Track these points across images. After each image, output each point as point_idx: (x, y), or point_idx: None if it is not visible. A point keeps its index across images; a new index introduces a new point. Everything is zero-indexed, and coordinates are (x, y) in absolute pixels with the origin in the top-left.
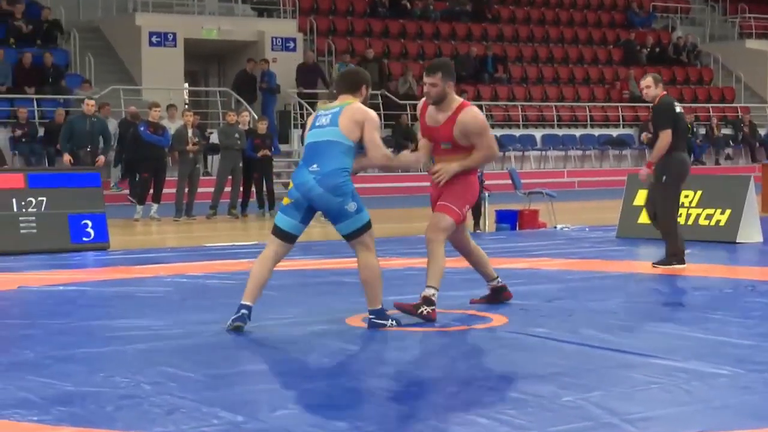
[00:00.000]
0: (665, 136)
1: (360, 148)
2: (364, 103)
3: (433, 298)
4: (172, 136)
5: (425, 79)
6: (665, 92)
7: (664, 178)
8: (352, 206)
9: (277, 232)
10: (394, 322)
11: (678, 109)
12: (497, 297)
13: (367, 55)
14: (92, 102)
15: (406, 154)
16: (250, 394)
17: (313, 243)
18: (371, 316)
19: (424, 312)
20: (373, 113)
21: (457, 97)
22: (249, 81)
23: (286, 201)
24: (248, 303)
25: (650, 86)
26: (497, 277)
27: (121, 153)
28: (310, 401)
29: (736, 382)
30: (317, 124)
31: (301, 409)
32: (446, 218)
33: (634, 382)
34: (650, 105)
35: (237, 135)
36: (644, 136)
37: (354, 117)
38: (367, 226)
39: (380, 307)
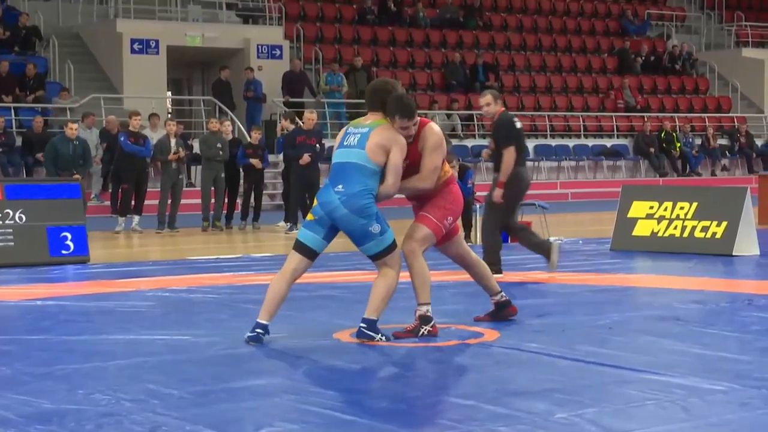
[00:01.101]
0: (510, 153)
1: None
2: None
3: (428, 314)
4: (154, 146)
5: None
6: (503, 108)
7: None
8: (376, 228)
9: (299, 247)
10: (383, 338)
11: (518, 125)
12: (500, 313)
13: (355, 64)
14: (75, 126)
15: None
16: (235, 411)
17: None
18: (363, 325)
19: (425, 332)
20: (401, 138)
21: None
22: (225, 89)
23: (310, 217)
24: (264, 321)
25: (490, 103)
26: (501, 292)
27: (110, 164)
28: (297, 418)
29: (734, 398)
30: (345, 143)
31: (288, 427)
32: (422, 228)
33: (629, 399)
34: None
35: (219, 144)
36: (485, 152)
37: (381, 141)
38: (392, 247)
39: (376, 318)
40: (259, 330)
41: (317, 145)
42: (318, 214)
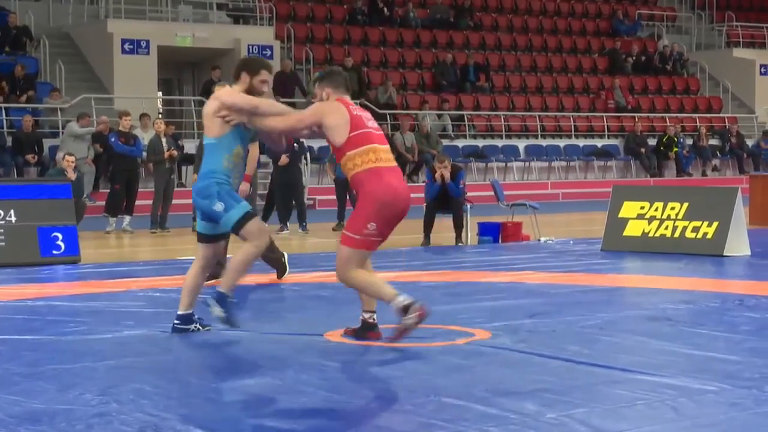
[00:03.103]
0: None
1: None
2: (248, 90)
3: (404, 303)
4: (146, 146)
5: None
6: None
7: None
8: (219, 206)
9: (198, 237)
10: (223, 314)
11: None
12: (365, 332)
13: (345, 64)
14: (72, 159)
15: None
16: (226, 411)
17: (291, 256)
18: (211, 295)
19: (412, 319)
20: (223, 91)
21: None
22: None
23: None
24: (185, 312)
25: None
26: (374, 312)
27: (108, 164)
28: (288, 418)
29: (724, 398)
30: None
31: (278, 427)
32: (341, 250)
33: (619, 399)
34: None
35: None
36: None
37: (205, 111)
38: (242, 221)
39: (224, 292)
40: (177, 321)
41: (295, 145)
42: None
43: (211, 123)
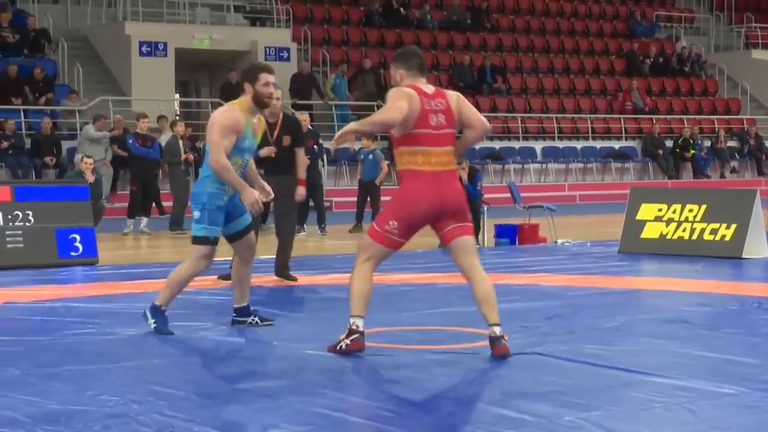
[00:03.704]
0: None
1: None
2: (255, 98)
3: (353, 327)
4: (164, 147)
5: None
6: None
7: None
8: (196, 214)
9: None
10: (154, 324)
11: None
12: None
13: (364, 65)
14: (90, 161)
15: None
16: (243, 413)
17: (308, 257)
18: (148, 307)
19: (342, 346)
20: (216, 115)
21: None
22: (235, 92)
23: None
24: (160, 303)
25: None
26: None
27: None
28: (303, 420)
29: (742, 401)
30: None
31: (294, 429)
32: (363, 238)
33: (636, 402)
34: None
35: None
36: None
37: (212, 119)
38: (195, 240)
39: (159, 304)
40: (234, 315)
41: (315, 147)
42: None
43: (209, 131)
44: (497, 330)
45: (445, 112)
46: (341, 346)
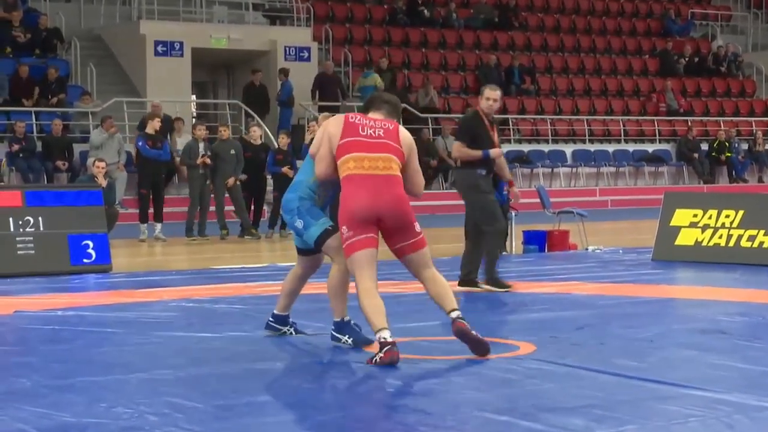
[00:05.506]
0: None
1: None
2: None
3: (382, 341)
4: (182, 150)
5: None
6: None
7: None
8: (299, 223)
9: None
10: (350, 339)
11: None
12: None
13: (381, 65)
14: (102, 165)
15: None
16: (260, 426)
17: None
18: (333, 328)
19: (376, 359)
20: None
21: None
22: (258, 93)
23: None
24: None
25: (498, 100)
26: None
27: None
28: None
29: None
30: None
31: None
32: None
33: (671, 415)
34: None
35: (233, 151)
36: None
37: (321, 130)
38: (322, 239)
39: (339, 319)
40: (271, 319)
41: None
42: None
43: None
44: (455, 314)
45: (388, 132)
46: (375, 360)
